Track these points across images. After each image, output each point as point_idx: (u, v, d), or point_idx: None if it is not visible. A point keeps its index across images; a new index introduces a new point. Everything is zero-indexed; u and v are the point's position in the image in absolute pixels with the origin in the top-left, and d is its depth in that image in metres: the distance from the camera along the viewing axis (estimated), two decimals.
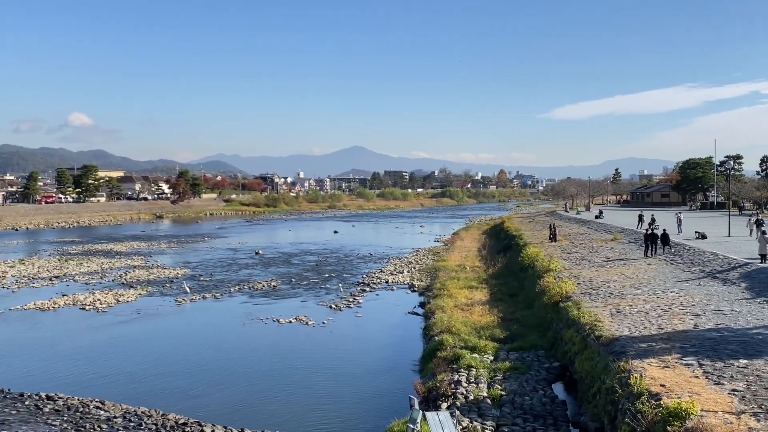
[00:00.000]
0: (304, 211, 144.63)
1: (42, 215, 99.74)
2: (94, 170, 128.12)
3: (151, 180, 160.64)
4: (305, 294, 31.30)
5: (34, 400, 14.67)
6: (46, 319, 25.65)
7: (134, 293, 30.96)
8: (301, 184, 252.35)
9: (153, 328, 24.35)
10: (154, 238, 67.93)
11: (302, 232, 79.98)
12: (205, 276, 37.53)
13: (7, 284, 34.13)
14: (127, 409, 14.14)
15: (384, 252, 51.13)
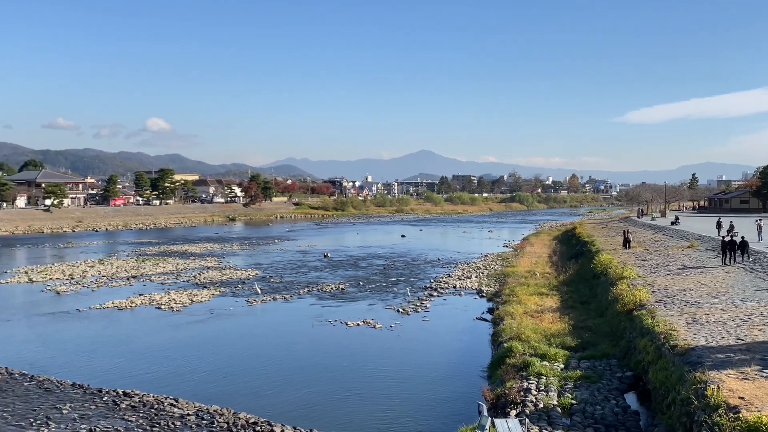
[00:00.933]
0: (371, 214, 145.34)
1: (120, 217, 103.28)
2: (171, 173, 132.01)
3: (225, 183, 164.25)
4: (373, 297, 31.43)
5: (111, 396, 15.17)
6: (124, 318, 26.54)
7: (208, 293, 31.72)
8: (369, 188, 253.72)
9: (225, 328, 24.88)
10: (226, 240, 69.49)
11: (370, 235, 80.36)
12: (276, 277, 38.15)
13: (88, 283, 35.46)
14: (200, 407, 14.47)
15: (452, 257, 50.90)
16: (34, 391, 15.49)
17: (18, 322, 25.64)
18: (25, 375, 17.07)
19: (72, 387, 15.98)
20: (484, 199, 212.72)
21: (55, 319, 26.17)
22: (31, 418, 13.28)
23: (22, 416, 13.44)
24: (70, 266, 43.27)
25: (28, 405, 14.27)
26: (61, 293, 32.22)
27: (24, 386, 15.94)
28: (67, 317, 26.43)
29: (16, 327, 24.83)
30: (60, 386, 16.01)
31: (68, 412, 13.80)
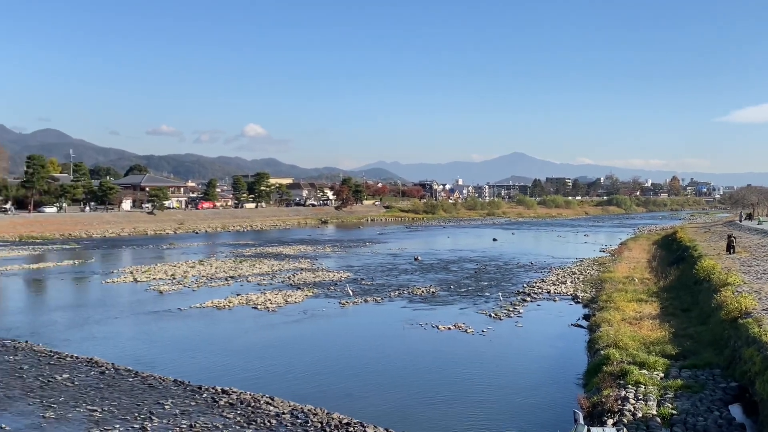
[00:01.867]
0: (462, 218, 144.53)
1: (219, 219, 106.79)
2: (266, 177, 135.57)
3: (317, 187, 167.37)
4: (464, 301, 31.22)
5: (210, 393, 15.68)
6: (222, 317, 27.41)
7: (301, 294, 32.35)
8: (459, 191, 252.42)
9: (318, 329, 25.30)
10: (319, 242, 70.70)
11: (460, 239, 79.92)
12: (367, 280, 38.50)
13: (189, 283, 36.82)
14: (294, 406, 14.76)
15: (545, 261, 49.96)
16: (139, 387, 16.20)
17: (124, 320, 26.91)
18: (130, 371, 17.88)
19: (173, 383, 16.62)
20: (579, 202, 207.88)
21: (158, 317, 27.32)
22: (136, 413, 13.89)
23: (128, 410, 14.08)
24: (172, 267, 45.06)
25: (133, 400, 14.94)
26: (164, 292, 33.59)
27: (129, 381, 16.70)
28: (169, 316, 27.54)
29: (122, 324, 26.07)
30: (162, 382, 16.68)
31: (170, 407, 14.36)
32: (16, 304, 32.58)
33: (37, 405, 14.35)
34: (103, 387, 16.03)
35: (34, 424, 13.12)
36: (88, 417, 13.54)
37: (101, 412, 13.83)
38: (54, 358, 19.24)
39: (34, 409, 14.05)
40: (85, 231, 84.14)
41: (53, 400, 14.67)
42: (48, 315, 28.63)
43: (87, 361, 18.84)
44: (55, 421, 13.27)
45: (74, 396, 15.12)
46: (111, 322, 26.53)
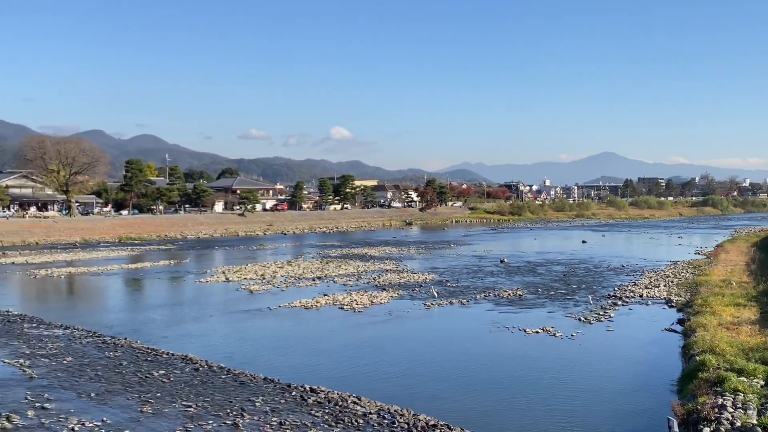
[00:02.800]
0: (549, 219, 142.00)
1: (306, 221, 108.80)
2: (351, 179, 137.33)
3: (401, 188, 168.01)
4: (552, 305, 30.67)
5: (299, 391, 15.99)
6: (310, 317, 27.90)
7: (387, 295, 32.55)
8: (546, 192, 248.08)
9: (403, 330, 25.40)
10: (403, 244, 70.95)
11: (548, 241, 78.53)
12: (452, 282, 38.36)
13: (278, 283, 37.67)
14: (381, 406, 14.87)
15: (637, 264, 48.47)
16: (231, 384, 16.69)
17: (217, 319, 27.79)
18: (222, 368, 18.44)
19: (264, 381, 17.04)
20: (673, 203, 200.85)
21: (248, 316, 28.08)
22: (228, 409, 14.32)
23: (220, 406, 14.53)
24: (262, 267, 46.23)
25: (225, 396, 15.40)
26: (254, 292, 34.49)
27: (221, 378, 17.23)
28: (259, 315, 28.26)
29: (215, 323, 26.93)
30: (253, 380, 17.13)
31: (260, 404, 14.73)
32: (116, 302, 34.17)
33: (135, 399, 14.99)
34: (197, 383, 16.60)
35: (133, 418, 13.72)
36: (183, 412, 14.05)
37: (195, 408, 14.33)
38: (151, 354, 20.05)
39: (133, 404, 14.69)
40: (180, 232, 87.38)
41: (150, 396, 15.29)
42: (146, 313, 29.89)
43: (182, 358, 19.55)
44: (152, 416, 13.83)
45: (170, 391, 15.72)
46: (204, 320, 27.45)
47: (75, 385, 16.33)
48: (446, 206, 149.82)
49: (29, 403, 14.65)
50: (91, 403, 14.79)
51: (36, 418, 13.63)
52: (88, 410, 14.19)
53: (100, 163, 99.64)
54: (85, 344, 21.46)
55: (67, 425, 13.14)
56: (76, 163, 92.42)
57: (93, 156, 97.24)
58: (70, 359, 19.05)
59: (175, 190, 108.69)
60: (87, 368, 18.02)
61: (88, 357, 19.47)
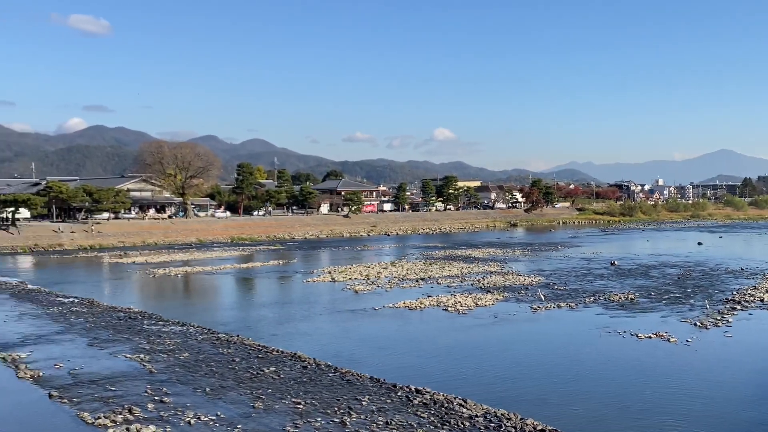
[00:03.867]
0: (662, 220, 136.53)
1: (409, 222, 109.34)
2: (454, 180, 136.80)
3: (506, 189, 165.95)
4: (665, 309, 29.41)
5: (405, 391, 16.05)
6: (414, 317, 27.98)
7: (491, 298, 32.19)
8: (659, 191, 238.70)
9: (509, 333, 25.02)
10: (508, 245, 70.01)
11: (661, 242, 75.48)
12: (560, 285, 37.49)
13: (382, 284, 38.01)
14: (487, 409, 14.71)
15: (758, 267, 45.79)
16: (338, 382, 16.96)
17: (324, 317, 28.35)
18: (330, 366, 18.76)
19: (370, 380, 17.21)
20: None
21: (354, 316, 28.47)
22: (336, 407, 14.55)
23: (328, 404, 14.78)
24: (366, 267, 46.80)
25: (333, 394, 15.66)
26: (359, 292, 34.95)
27: (329, 377, 17.53)
28: (364, 315, 28.60)
29: (322, 321, 27.48)
30: (359, 379, 17.33)
31: (367, 403, 14.89)
32: (229, 300, 35.50)
33: (247, 395, 15.48)
34: (305, 381, 16.96)
35: (245, 413, 14.16)
36: (293, 409, 14.39)
37: (304, 405, 14.64)
38: (262, 351, 20.66)
39: (245, 399, 15.17)
40: (288, 233, 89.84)
41: (261, 392, 15.75)
42: (257, 311, 30.88)
43: (291, 356, 20.03)
44: (263, 411, 14.24)
45: (280, 388, 16.14)
46: (312, 319, 28.06)
47: (191, 380, 17.04)
48: (553, 207, 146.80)
49: (149, 397, 15.41)
50: (206, 397, 15.40)
51: (155, 411, 14.32)
52: (203, 405, 14.78)
53: (214, 166, 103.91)
54: (200, 341, 22.38)
55: (184, 418, 13.72)
56: (191, 167, 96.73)
57: (207, 160, 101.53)
58: (186, 355, 19.92)
59: (283, 192, 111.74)
60: (202, 364, 18.78)
61: (203, 353, 20.29)
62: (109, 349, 20.85)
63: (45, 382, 17.03)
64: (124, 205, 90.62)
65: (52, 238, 74.39)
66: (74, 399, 15.35)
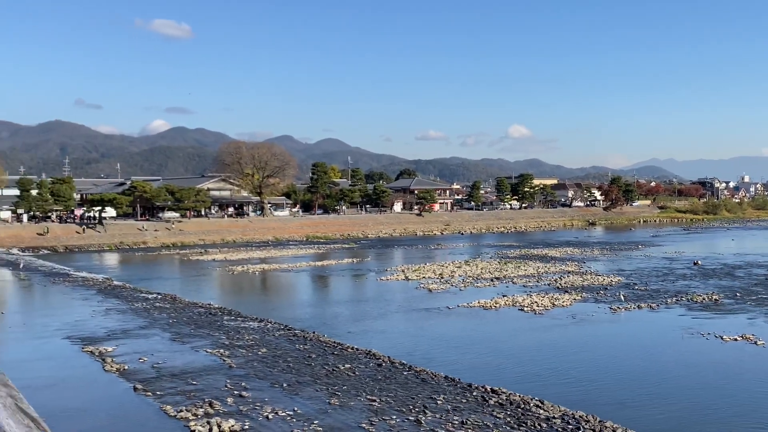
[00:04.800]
0: (749, 218, 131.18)
1: (483, 221, 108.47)
2: (530, 178, 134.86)
3: (583, 187, 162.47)
4: (752, 310, 28.21)
5: (480, 391, 15.92)
6: (489, 317, 27.72)
7: (569, 298, 31.57)
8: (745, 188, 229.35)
9: (587, 334, 24.48)
10: (586, 245, 68.55)
11: (747, 242, 72.48)
12: (640, 285, 36.44)
13: (456, 283, 37.82)
14: (565, 411, 14.44)
15: None
16: (412, 381, 16.97)
17: (397, 316, 28.43)
18: (404, 365, 18.79)
19: (445, 380, 17.16)
20: None
21: (428, 314, 28.43)
22: (411, 405, 14.56)
23: (403, 402, 14.81)
24: (440, 266, 46.67)
25: (408, 393, 15.68)
26: (433, 291, 34.87)
27: (404, 375, 17.56)
28: (438, 313, 28.52)
29: (395, 320, 27.56)
30: (434, 378, 17.30)
31: (442, 403, 14.84)
32: (304, 297, 36.05)
33: (323, 391, 15.67)
34: (380, 378, 17.05)
35: (321, 409, 14.35)
36: (368, 406, 14.48)
37: (379, 402, 14.72)
38: (337, 348, 20.88)
39: (321, 395, 15.37)
40: (361, 231, 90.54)
41: (337, 388, 15.92)
42: (331, 308, 31.24)
43: (366, 353, 20.17)
44: (339, 408, 14.39)
45: (355, 385, 16.27)
46: (386, 317, 28.18)
47: (269, 375, 17.39)
48: (633, 205, 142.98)
49: (228, 391, 15.80)
50: (283, 392, 15.68)
51: (234, 405, 14.67)
52: (280, 400, 15.05)
53: (290, 166, 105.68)
54: (277, 336, 22.80)
55: (262, 413, 14.01)
56: (268, 167, 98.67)
57: (283, 160, 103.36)
58: (264, 350, 20.33)
59: (356, 191, 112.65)
60: (279, 360, 19.13)
61: (280, 349, 20.66)
62: (191, 344, 21.49)
63: (130, 375, 17.69)
64: (205, 204, 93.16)
65: (137, 236, 77.22)
66: (157, 392, 15.89)
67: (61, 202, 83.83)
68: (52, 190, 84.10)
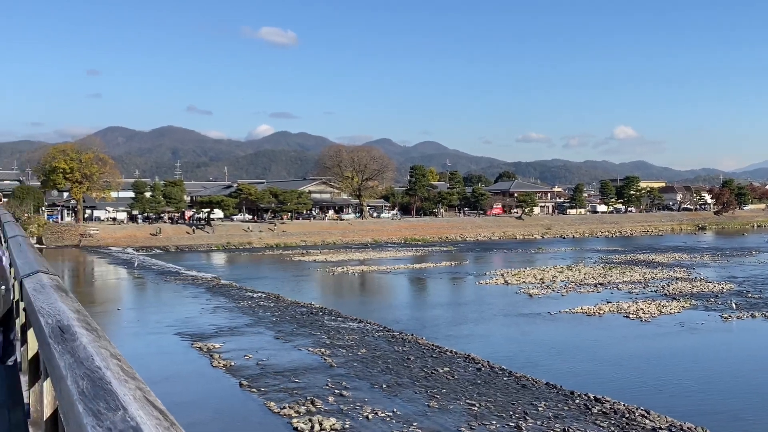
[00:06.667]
0: None
1: (586, 224, 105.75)
2: (636, 181, 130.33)
3: (693, 190, 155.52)
4: None
5: (583, 399, 15.54)
6: (592, 324, 26.99)
7: (677, 305, 30.31)
8: None
9: (696, 343, 23.44)
10: (696, 250, 65.63)
11: None
12: (754, 293, 34.52)
13: (558, 288, 37.03)
14: (672, 422, 13.89)
15: None
16: (512, 386, 16.76)
17: (497, 320, 28.13)
18: (504, 370, 18.58)
19: (546, 386, 16.85)
20: None
21: (528, 319, 27.98)
22: (511, 411, 14.39)
23: (503, 408, 14.66)
24: (541, 271, 45.82)
25: (508, 398, 15.50)
26: (533, 296, 34.29)
27: (503, 380, 17.37)
28: (539, 319, 28.02)
29: (495, 324, 27.28)
30: (535, 384, 17.02)
31: (543, 410, 14.59)
32: (403, 299, 36.25)
33: (422, 394, 15.72)
34: (479, 383, 16.93)
35: (420, 411, 14.40)
36: (467, 410, 14.42)
37: (479, 407, 14.62)
38: (436, 351, 20.89)
39: (420, 398, 15.42)
40: (459, 234, 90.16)
41: (436, 391, 15.93)
42: (429, 311, 31.27)
43: (465, 357, 20.07)
44: (438, 411, 14.40)
45: (454, 389, 16.23)
46: (485, 321, 27.94)
47: (368, 375, 17.61)
48: (746, 209, 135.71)
49: (329, 390, 16.11)
50: (382, 393, 15.84)
51: (335, 404, 14.95)
52: (380, 400, 15.21)
53: (388, 169, 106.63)
54: (376, 337, 23.05)
55: (362, 413, 14.21)
56: (367, 170, 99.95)
57: (382, 163, 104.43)
58: (363, 351, 20.60)
59: (455, 193, 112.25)
60: (378, 360, 19.33)
61: (380, 350, 20.87)
62: (293, 342, 22.05)
63: (236, 371, 18.34)
64: (306, 207, 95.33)
65: (242, 237, 79.91)
66: (262, 389, 16.40)
67: (172, 204, 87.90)
68: (165, 193, 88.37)
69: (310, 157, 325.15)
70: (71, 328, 2.83)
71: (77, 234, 75.98)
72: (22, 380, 5.96)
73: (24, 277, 4.80)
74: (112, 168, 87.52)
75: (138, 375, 2.14)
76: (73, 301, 3.64)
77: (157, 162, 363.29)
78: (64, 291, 4.04)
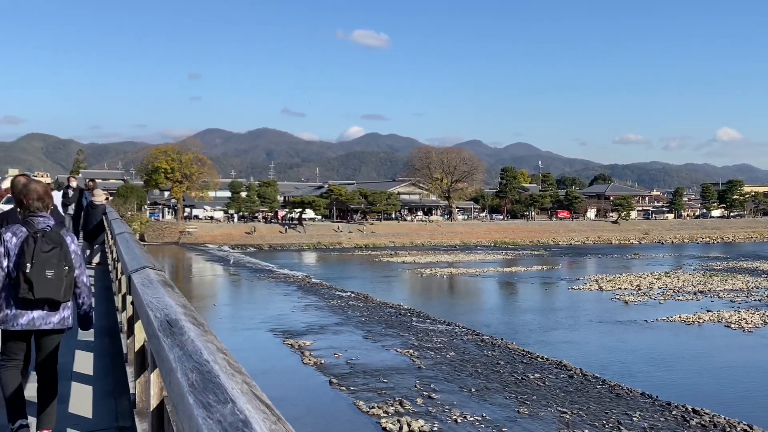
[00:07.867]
0: None
1: (686, 230, 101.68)
2: (739, 185, 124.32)
3: None
4: None
5: (680, 411, 14.96)
6: (691, 333, 25.92)
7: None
8: None
9: None
10: None
11: None
12: None
13: (655, 295, 35.75)
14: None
15: None
16: (606, 395, 16.30)
17: (590, 327, 27.42)
18: (597, 378, 18.09)
19: (641, 396, 16.30)
20: None
21: (623, 327, 27.14)
22: (604, 420, 14.01)
23: (596, 417, 14.29)
24: (637, 277, 44.34)
25: (601, 407, 15.10)
26: (629, 303, 33.22)
27: (596, 389, 16.92)
28: (634, 327, 27.13)
29: (588, 331, 26.60)
30: (629, 393, 16.50)
31: (638, 420, 14.13)
32: (492, 303, 35.87)
33: (512, 399, 15.52)
34: (571, 390, 16.56)
35: (510, 417, 14.21)
36: (558, 418, 14.13)
37: (570, 415, 14.31)
38: (526, 357, 20.57)
39: (510, 403, 15.22)
40: (551, 238, 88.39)
41: (526, 397, 15.68)
42: (520, 316, 30.80)
43: (556, 364, 19.67)
44: (528, 417, 14.17)
45: (545, 395, 15.94)
46: (577, 328, 27.28)
47: (457, 378, 17.52)
48: None
49: (418, 391, 16.12)
50: (471, 397, 15.73)
51: (424, 405, 14.95)
52: (468, 404, 15.11)
53: (478, 171, 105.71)
54: (465, 341, 22.90)
55: (450, 416, 14.15)
56: (457, 172, 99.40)
57: (472, 164, 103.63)
58: (452, 354, 20.51)
59: (547, 196, 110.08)
60: (467, 364, 19.20)
61: (468, 353, 20.73)
62: (382, 343, 22.20)
63: (326, 369, 18.63)
64: (395, 208, 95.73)
65: (332, 237, 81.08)
66: (351, 387, 16.59)
67: (266, 204, 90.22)
68: (259, 193, 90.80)
69: (400, 158, 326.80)
70: (179, 322, 2.95)
71: (177, 231, 79.06)
72: (128, 371, 6.26)
73: (132, 272, 5.04)
74: (210, 168, 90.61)
75: (243, 369, 2.21)
76: (180, 296, 3.79)
77: (252, 163, 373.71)
78: (171, 286, 4.22)
